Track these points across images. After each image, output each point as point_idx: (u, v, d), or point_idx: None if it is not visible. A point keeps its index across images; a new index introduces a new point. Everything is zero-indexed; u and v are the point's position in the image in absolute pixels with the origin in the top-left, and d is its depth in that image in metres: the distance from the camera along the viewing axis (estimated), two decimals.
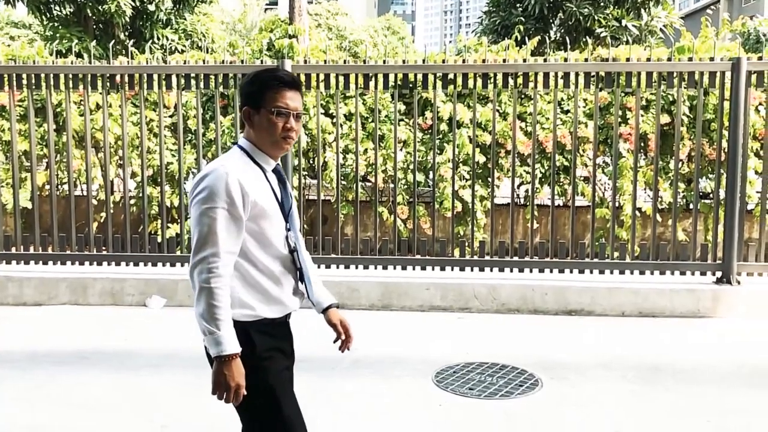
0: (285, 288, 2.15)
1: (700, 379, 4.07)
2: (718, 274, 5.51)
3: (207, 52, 6.39)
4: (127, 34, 13.28)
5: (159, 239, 5.93)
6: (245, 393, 2.00)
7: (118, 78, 5.80)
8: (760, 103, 6.20)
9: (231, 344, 1.95)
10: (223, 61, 5.96)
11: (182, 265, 5.85)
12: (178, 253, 5.88)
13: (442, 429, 3.45)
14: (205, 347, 2.02)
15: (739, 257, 5.47)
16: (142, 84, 5.77)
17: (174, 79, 5.78)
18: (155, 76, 5.76)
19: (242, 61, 5.97)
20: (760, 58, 5.58)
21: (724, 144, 5.50)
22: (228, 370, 1.95)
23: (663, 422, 3.49)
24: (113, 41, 7.15)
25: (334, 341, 2.36)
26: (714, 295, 5.35)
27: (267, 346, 2.09)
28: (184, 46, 13.32)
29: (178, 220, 6.11)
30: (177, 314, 5.41)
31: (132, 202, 7.01)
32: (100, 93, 5.91)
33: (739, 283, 5.45)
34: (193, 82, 5.78)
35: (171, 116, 6.93)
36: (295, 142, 2.54)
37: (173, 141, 6.82)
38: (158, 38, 13.22)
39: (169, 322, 5.23)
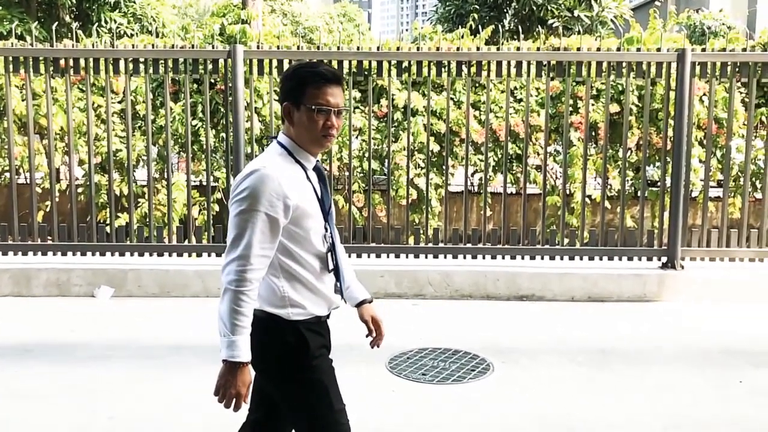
0: (327, 284, 2.13)
1: (647, 361, 4.20)
2: (664, 259, 5.69)
3: (157, 37, 6.22)
4: (72, 16, 12.84)
5: (108, 228, 5.78)
6: (301, 396, 2.02)
7: (62, 62, 5.60)
8: (704, 94, 6.40)
9: (245, 352, 1.93)
10: (173, 45, 5.81)
11: (132, 255, 5.73)
12: (128, 242, 5.75)
13: (394, 414, 3.48)
14: (269, 360, 2.04)
15: (683, 243, 5.65)
16: (89, 68, 5.59)
17: (122, 63, 5.62)
18: (102, 61, 5.58)
19: (193, 46, 5.84)
20: (703, 50, 5.75)
21: (671, 133, 5.65)
22: (234, 376, 1.94)
23: (611, 404, 3.59)
24: (57, 23, 6.90)
25: (366, 336, 2.36)
26: (659, 279, 5.52)
27: (318, 344, 2.09)
28: (133, 30, 12.95)
29: (128, 209, 5.96)
30: (126, 304, 5.30)
31: (80, 190, 6.82)
32: (44, 77, 5.69)
33: (683, 267, 5.63)
34: (141, 66, 5.63)
35: (120, 102, 6.75)
36: (249, 134, 2.46)
37: (122, 128, 6.64)
38: (106, 21, 12.81)
39: (118, 313, 5.11)
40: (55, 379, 3.83)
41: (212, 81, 6.56)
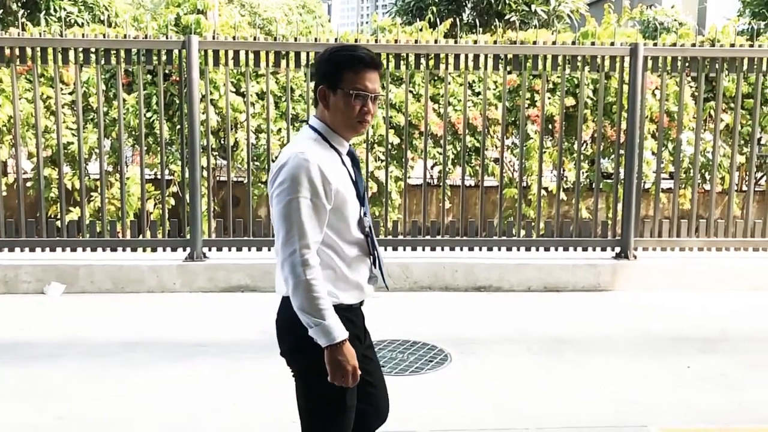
0: (362, 273, 2.09)
1: (600, 349, 4.29)
2: (617, 249, 5.81)
3: (110, 26, 6.06)
4: (19, 4, 12.38)
5: (58, 223, 5.61)
6: (317, 382, 1.99)
7: (8, 51, 5.40)
8: (657, 88, 6.54)
9: (340, 330, 1.92)
10: (125, 35, 5.67)
11: (84, 250, 5.59)
12: (80, 237, 5.60)
13: None
14: (295, 338, 2.01)
15: (636, 233, 5.78)
16: (36, 58, 5.41)
17: (72, 53, 5.46)
18: (50, 50, 5.41)
19: (147, 36, 5.70)
20: (655, 45, 5.88)
21: (624, 126, 5.76)
22: (342, 355, 1.93)
23: (564, 391, 3.65)
24: (3, 11, 6.66)
25: None
26: (613, 269, 5.64)
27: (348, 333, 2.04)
28: (84, 19, 12.58)
29: (80, 203, 5.80)
30: (78, 301, 5.17)
31: (28, 184, 6.62)
32: None
33: (635, 257, 5.77)
34: (93, 57, 5.47)
35: (70, 93, 6.56)
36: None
37: (73, 120, 6.45)
38: (55, 10, 12.39)
39: (70, 310, 4.98)
40: (2, 378, 3.71)
41: (167, 72, 6.43)
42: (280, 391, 3.57)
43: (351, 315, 2.07)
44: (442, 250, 5.77)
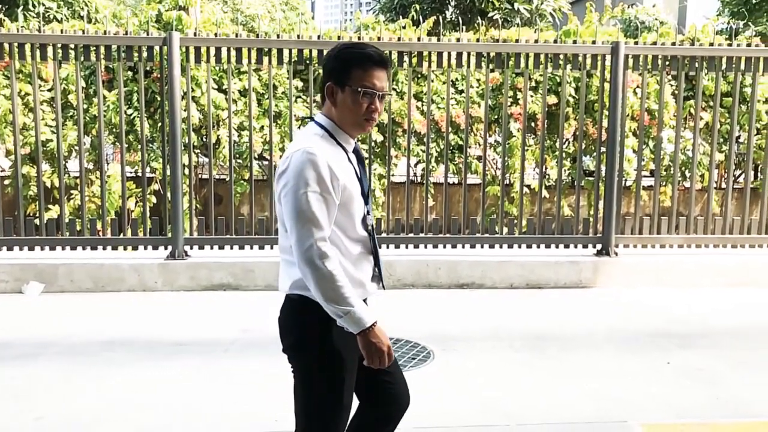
0: (365, 270, 2.08)
1: (582, 346, 4.32)
2: (599, 246, 5.86)
3: (90, 22, 5.99)
4: None
5: (37, 222, 5.54)
6: (318, 380, 2.01)
7: None
8: (638, 86, 6.60)
9: (369, 315, 1.95)
10: (105, 32, 5.60)
11: (63, 249, 5.52)
12: (59, 236, 5.53)
13: None
14: (297, 335, 2.02)
15: (617, 230, 5.83)
16: (13, 54, 5.33)
17: (50, 49, 5.38)
18: (28, 46, 5.33)
19: (127, 32, 5.64)
20: (636, 43, 5.93)
21: (606, 124, 5.81)
22: (375, 337, 1.96)
23: (546, 388, 3.67)
24: None
25: None
26: (594, 266, 5.69)
27: (345, 333, 2.01)
28: (63, 14, 12.41)
29: (59, 201, 5.72)
30: (57, 300, 5.10)
31: (6, 182, 6.53)
32: None
33: (616, 254, 5.81)
34: (72, 53, 5.40)
35: (49, 90, 6.47)
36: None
37: (53, 117, 6.37)
38: (33, 5, 12.23)
39: (48, 309, 4.92)
40: None
41: (148, 69, 6.37)
42: (264, 389, 3.56)
43: None
44: (426, 247, 5.78)
